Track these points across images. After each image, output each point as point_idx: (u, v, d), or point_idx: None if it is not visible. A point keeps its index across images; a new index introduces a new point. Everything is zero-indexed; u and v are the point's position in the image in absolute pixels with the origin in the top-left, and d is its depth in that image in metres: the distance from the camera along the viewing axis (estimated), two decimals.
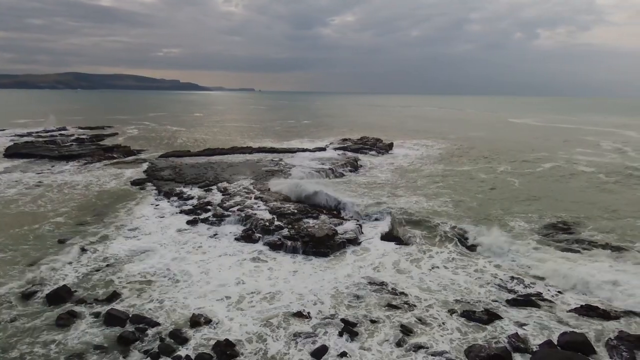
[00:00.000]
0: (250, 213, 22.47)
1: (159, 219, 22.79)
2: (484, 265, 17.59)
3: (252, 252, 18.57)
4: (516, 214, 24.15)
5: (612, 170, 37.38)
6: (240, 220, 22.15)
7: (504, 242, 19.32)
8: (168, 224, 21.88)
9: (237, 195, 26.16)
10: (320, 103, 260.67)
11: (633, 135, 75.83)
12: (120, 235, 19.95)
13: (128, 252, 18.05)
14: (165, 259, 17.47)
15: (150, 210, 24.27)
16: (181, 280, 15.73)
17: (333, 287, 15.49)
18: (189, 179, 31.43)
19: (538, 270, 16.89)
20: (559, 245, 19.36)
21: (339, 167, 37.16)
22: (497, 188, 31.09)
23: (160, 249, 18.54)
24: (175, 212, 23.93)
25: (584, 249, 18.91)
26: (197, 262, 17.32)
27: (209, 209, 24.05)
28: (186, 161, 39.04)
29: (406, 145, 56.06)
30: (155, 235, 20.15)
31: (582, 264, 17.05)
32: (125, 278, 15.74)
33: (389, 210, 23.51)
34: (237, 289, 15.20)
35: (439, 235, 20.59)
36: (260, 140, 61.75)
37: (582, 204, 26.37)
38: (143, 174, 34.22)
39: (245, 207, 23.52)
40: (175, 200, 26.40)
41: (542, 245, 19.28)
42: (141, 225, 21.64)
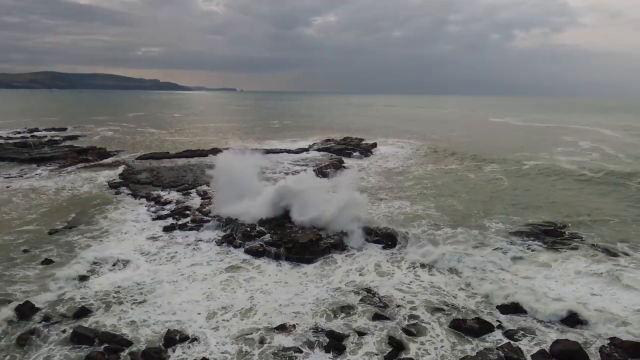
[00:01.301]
0: (231, 218, 21.55)
1: (134, 225, 21.65)
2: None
3: (233, 260, 17.70)
4: (498, 215, 24.00)
5: (593, 169, 37.78)
6: (220, 226, 21.25)
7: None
8: (143, 231, 20.79)
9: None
10: (303, 103, 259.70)
11: (608, 133, 77.66)
12: (91, 244, 18.75)
13: (99, 262, 16.92)
14: (139, 270, 16.42)
15: (125, 216, 23.06)
16: (155, 293, 14.71)
17: (317, 296, 14.80)
18: (167, 182, 30.24)
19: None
20: (538, 250, 19.14)
21: (322, 169, 36.49)
22: (483, 189, 30.96)
23: (134, 258, 17.45)
24: (152, 218, 22.82)
25: (565, 251, 18.75)
26: (174, 273, 16.31)
27: (188, 214, 23.06)
28: (164, 163, 37.74)
29: (390, 145, 55.82)
30: (129, 244, 19.04)
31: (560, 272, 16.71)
32: (95, 292, 14.66)
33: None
34: (215, 301, 14.30)
35: (423, 239, 20.13)
36: (241, 141, 60.58)
37: (564, 206, 26.27)
38: (119, 177, 32.81)
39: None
40: (152, 205, 25.24)
41: (521, 251, 18.96)
42: (115, 232, 20.48)
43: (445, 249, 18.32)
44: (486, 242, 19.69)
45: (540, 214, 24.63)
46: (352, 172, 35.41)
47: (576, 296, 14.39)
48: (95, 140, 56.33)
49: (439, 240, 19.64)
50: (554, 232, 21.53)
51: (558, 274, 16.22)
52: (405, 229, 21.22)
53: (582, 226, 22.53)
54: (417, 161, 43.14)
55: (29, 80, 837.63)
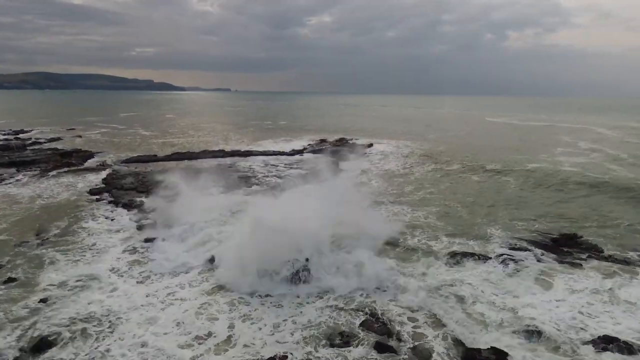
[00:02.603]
0: (213, 231, 19.86)
1: (111, 237, 19.92)
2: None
3: (219, 279, 16.00)
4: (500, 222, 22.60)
5: (597, 172, 36.50)
6: (204, 238, 19.57)
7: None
8: (122, 243, 19.09)
9: (202, 207, 23.46)
10: (298, 103, 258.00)
11: (605, 132, 76.87)
12: (62, 259, 17.05)
13: (68, 282, 15.21)
14: (111, 292, 14.67)
15: (102, 226, 21.37)
16: (127, 320, 12.99)
17: (311, 319, 13.21)
18: (152, 187, 28.52)
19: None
20: (547, 262, 17.69)
21: (317, 172, 34.93)
22: (486, 193, 29.57)
23: (107, 277, 15.71)
24: (133, 228, 21.13)
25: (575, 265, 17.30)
26: (150, 295, 14.53)
27: (172, 225, 21.34)
28: (152, 167, 36.01)
29: (386, 146, 54.31)
30: (104, 259, 17.30)
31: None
32: (60, 319, 12.95)
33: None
34: (200, 329, 12.61)
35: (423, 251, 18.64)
36: (234, 142, 58.91)
37: (571, 213, 24.96)
38: (102, 182, 31.08)
39: (210, 222, 20.90)
40: (134, 214, 23.57)
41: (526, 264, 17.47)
42: (89, 245, 18.75)
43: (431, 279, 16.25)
44: (488, 252, 18.31)
45: (546, 220, 23.33)
46: (351, 175, 34.04)
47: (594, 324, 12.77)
48: (82, 143, 54.35)
49: (431, 255, 18.17)
50: (564, 241, 20.18)
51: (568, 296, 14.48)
52: (402, 237, 19.87)
53: (593, 234, 21.23)
54: (416, 163, 41.67)
55: (20, 80, 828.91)
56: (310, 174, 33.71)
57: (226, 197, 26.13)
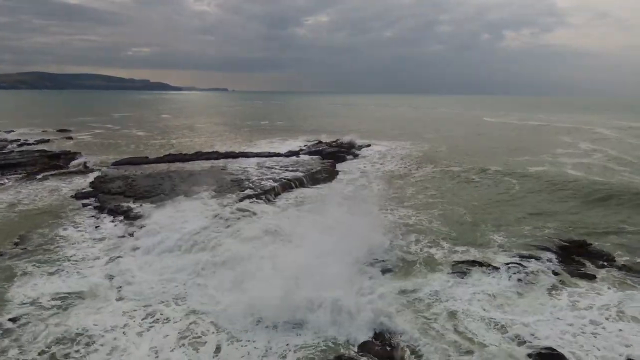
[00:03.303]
0: (204, 239, 18.66)
1: (95, 246, 18.70)
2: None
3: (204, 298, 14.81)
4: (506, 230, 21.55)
5: (603, 175, 35.54)
6: (193, 247, 18.37)
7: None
8: (104, 254, 17.84)
9: (193, 213, 22.24)
10: (295, 103, 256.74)
11: (604, 132, 76.15)
12: (37, 272, 15.80)
13: (45, 300, 13.97)
14: (97, 314, 13.30)
15: (86, 234, 20.12)
16: (101, 348, 11.73)
17: (304, 341, 12.06)
18: (141, 192, 27.26)
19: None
20: (558, 272, 16.62)
21: (314, 174, 33.82)
22: (489, 197, 28.53)
23: (91, 292, 14.46)
24: (118, 236, 19.91)
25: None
26: (130, 316, 13.23)
27: (159, 231, 20.15)
28: (142, 169, 34.67)
29: (385, 147, 53.25)
30: (83, 272, 16.07)
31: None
32: (31, 346, 11.73)
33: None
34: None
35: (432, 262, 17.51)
36: (229, 143, 57.66)
37: (580, 219, 23.96)
38: (89, 186, 29.82)
39: (200, 229, 19.67)
40: (120, 221, 22.35)
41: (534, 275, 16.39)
42: (69, 256, 17.50)
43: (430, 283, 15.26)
44: (493, 259, 17.27)
45: (553, 226, 22.36)
46: (350, 178, 33.02)
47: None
48: (72, 144, 52.95)
49: (429, 263, 17.06)
50: (574, 250, 19.14)
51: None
52: (404, 242, 18.79)
53: (602, 241, 20.24)
54: (414, 164, 40.58)
55: (15, 80, 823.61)
56: (310, 178, 32.61)
57: (217, 201, 24.90)
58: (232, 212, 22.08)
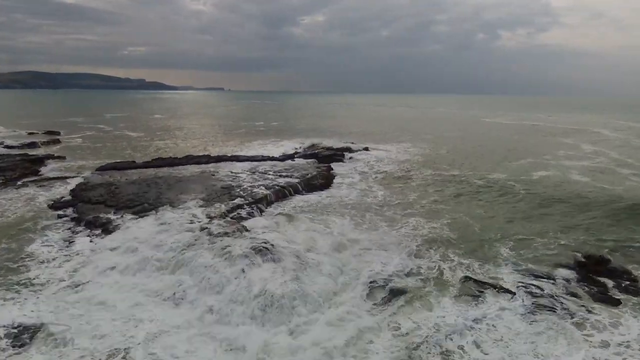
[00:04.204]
0: (188, 257, 16.85)
1: (63, 265, 16.80)
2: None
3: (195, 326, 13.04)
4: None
5: (610, 182, 34.02)
6: (174, 266, 16.62)
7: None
8: (70, 276, 15.93)
9: (176, 227, 20.43)
10: (292, 103, 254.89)
11: (605, 133, 75.00)
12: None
13: (3, 334, 12.18)
14: (41, 349, 11.54)
15: (57, 251, 18.25)
16: None
17: None
18: (124, 201, 25.38)
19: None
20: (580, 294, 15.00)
21: (309, 180, 32.10)
22: (495, 205, 26.93)
23: (55, 324, 12.64)
24: (92, 253, 18.08)
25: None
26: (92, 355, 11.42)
27: (137, 248, 18.37)
28: (128, 175, 32.78)
29: (383, 149, 51.64)
30: (42, 299, 14.18)
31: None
32: None
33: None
34: None
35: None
36: (222, 145, 55.87)
37: (594, 231, 22.36)
38: (69, 194, 27.93)
39: (182, 246, 17.84)
40: (97, 235, 20.53)
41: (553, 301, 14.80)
42: (32, 278, 15.62)
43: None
44: (505, 279, 15.79)
45: (565, 237, 20.88)
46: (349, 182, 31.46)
47: None
48: (59, 147, 50.94)
49: (439, 284, 15.54)
50: (592, 267, 17.52)
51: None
52: (414, 264, 17.19)
53: (619, 255, 18.74)
54: (414, 168, 38.92)
55: (9, 80, 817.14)
56: (305, 184, 30.90)
57: (205, 211, 23.12)
58: (220, 225, 20.29)
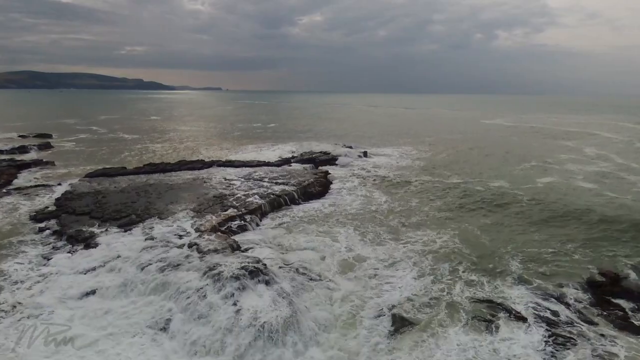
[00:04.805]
0: (174, 278, 15.57)
1: (34, 287, 15.42)
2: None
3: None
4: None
5: (618, 190, 32.94)
6: (159, 289, 15.36)
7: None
8: (45, 299, 14.67)
9: (162, 242, 19.16)
10: (289, 103, 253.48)
11: (605, 135, 74.09)
12: None
13: None
14: None
15: (32, 270, 16.94)
16: None
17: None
18: (110, 212, 24.10)
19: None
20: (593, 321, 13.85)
21: (306, 188, 30.87)
22: (500, 215, 25.77)
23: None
24: (70, 274, 16.78)
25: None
26: None
27: (120, 268, 17.09)
28: (117, 183, 31.48)
29: (382, 154, 50.50)
30: (12, 329, 12.92)
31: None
32: None
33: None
34: None
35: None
36: (217, 149, 54.58)
37: (605, 244, 21.28)
38: (54, 204, 26.58)
39: (168, 266, 16.60)
40: (78, 250, 19.22)
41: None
42: (2, 303, 14.33)
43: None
44: (515, 302, 14.75)
45: (574, 249, 19.99)
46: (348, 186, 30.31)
47: None
48: (48, 153, 49.44)
49: (449, 307, 14.44)
50: (608, 287, 16.37)
51: None
52: (423, 285, 16.01)
53: (632, 270, 17.67)
54: (414, 174, 37.72)
55: (5, 79, 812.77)
56: (302, 192, 29.68)
57: (195, 223, 21.88)
58: (210, 241, 19.05)
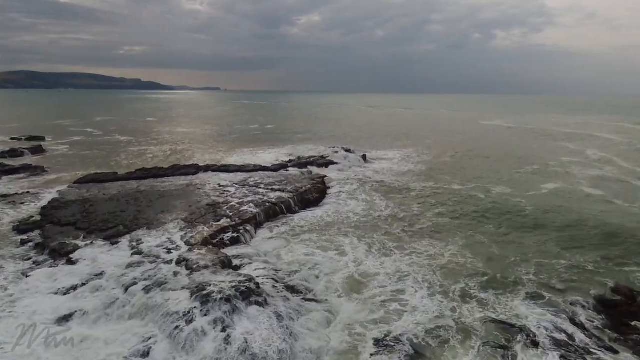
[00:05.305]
0: (160, 300, 14.44)
1: (6, 310, 14.33)
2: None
3: None
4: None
5: (626, 198, 31.99)
6: (143, 312, 14.24)
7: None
8: (24, 324, 13.56)
9: (150, 258, 18.05)
10: (287, 104, 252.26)
11: (606, 137, 73.28)
12: None
13: None
14: None
15: (8, 288, 15.79)
16: None
17: None
18: (97, 222, 22.96)
19: None
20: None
21: (303, 194, 29.79)
22: (505, 225, 24.73)
23: None
24: (47, 294, 15.65)
25: None
26: None
27: (102, 287, 15.97)
28: (107, 189, 30.30)
29: (382, 157, 49.47)
30: None
31: None
32: None
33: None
34: None
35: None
36: (213, 152, 53.44)
37: (621, 258, 20.31)
38: (39, 213, 25.42)
39: (154, 285, 15.49)
40: (61, 265, 18.09)
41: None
42: None
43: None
44: (528, 319, 13.90)
45: (585, 262, 19.14)
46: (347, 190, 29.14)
47: None
48: (38, 158, 48.20)
49: (461, 330, 13.38)
50: (624, 308, 15.32)
51: None
52: (433, 305, 14.95)
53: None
54: (418, 180, 36.66)
55: (2, 79, 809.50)
56: (299, 199, 28.60)
57: (185, 235, 20.77)
58: (201, 256, 17.93)
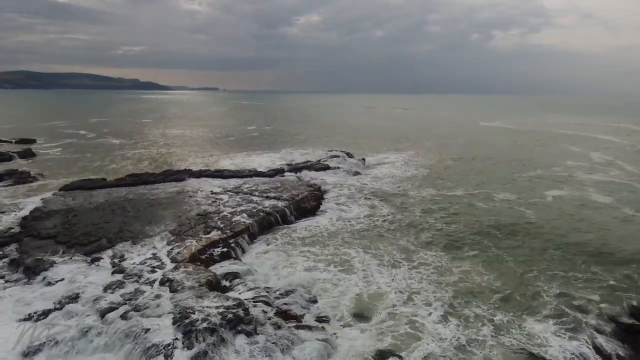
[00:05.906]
0: (138, 329, 13.05)
1: None
2: None
3: None
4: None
5: (631, 204, 30.71)
6: (118, 344, 12.86)
7: None
8: None
9: (132, 278, 16.66)
10: (285, 104, 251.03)
11: (609, 139, 72.15)
12: None
13: None
14: None
15: None
16: None
17: None
18: (78, 235, 21.55)
19: None
20: None
21: (299, 203, 28.45)
22: (517, 235, 23.40)
23: None
24: (17, 320, 14.25)
25: None
26: None
27: (77, 313, 14.57)
28: (94, 197, 28.88)
29: (382, 161, 48.23)
30: None
31: None
32: None
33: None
34: None
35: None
36: (208, 155, 52.07)
37: (615, 267, 19.03)
38: (19, 224, 23.99)
39: (134, 310, 14.10)
40: (35, 285, 16.69)
41: None
42: None
43: None
44: (548, 347, 12.53)
45: (598, 279, 17.78)
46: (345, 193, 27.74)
47: None
48: (26, 162, 46.68)
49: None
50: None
51: None
52: (448, 331, 13.59)
53: None
54: (419, 186, 35.35)
55: (0, 79, 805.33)
56: (295, 208, 27.24)
57: (171, 250, 19.40)
58: (187, 275, 16.56)
